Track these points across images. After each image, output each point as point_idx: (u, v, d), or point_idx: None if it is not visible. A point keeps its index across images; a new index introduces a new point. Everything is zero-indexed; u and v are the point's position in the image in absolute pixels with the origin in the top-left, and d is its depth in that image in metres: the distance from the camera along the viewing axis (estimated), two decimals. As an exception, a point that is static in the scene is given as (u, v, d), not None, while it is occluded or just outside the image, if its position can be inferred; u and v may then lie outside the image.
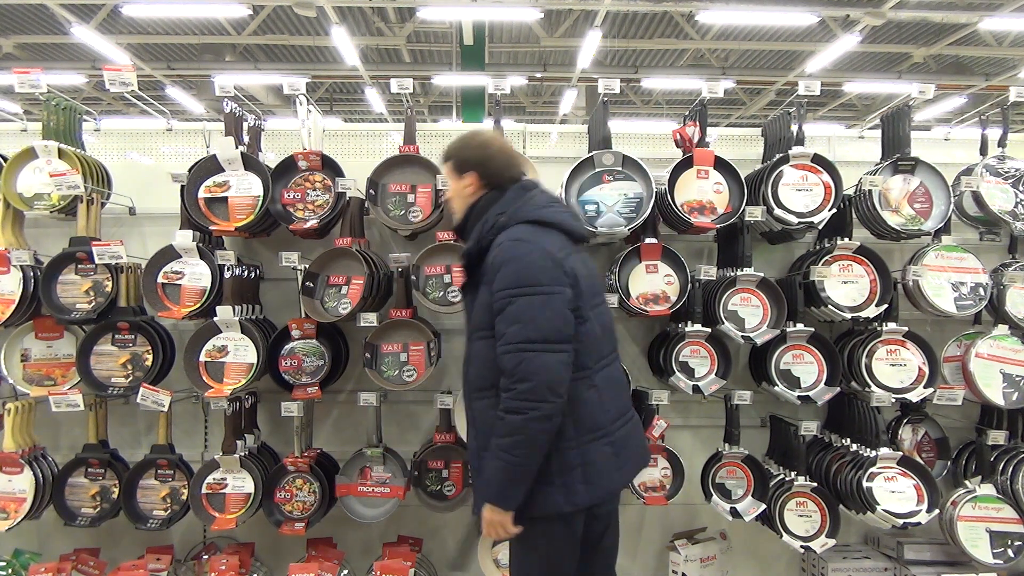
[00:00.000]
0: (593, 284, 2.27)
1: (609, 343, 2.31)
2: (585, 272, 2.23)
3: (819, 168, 3.13)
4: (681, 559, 3.22)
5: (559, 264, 2.10)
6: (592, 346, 2.18)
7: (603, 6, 8.89)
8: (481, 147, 2.33)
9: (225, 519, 3.01)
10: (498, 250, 2.13)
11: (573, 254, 2.22)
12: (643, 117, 15.52)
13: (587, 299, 2.18)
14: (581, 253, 2.30)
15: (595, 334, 2.19)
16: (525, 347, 2.02)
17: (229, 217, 3.01)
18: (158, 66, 11.48)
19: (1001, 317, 3.19)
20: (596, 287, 2.30)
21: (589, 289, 2.21)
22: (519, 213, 2.21)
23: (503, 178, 2.30)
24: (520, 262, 2.08)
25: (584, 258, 2.30)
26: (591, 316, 2.19)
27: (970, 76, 11.75)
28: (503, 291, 2.08)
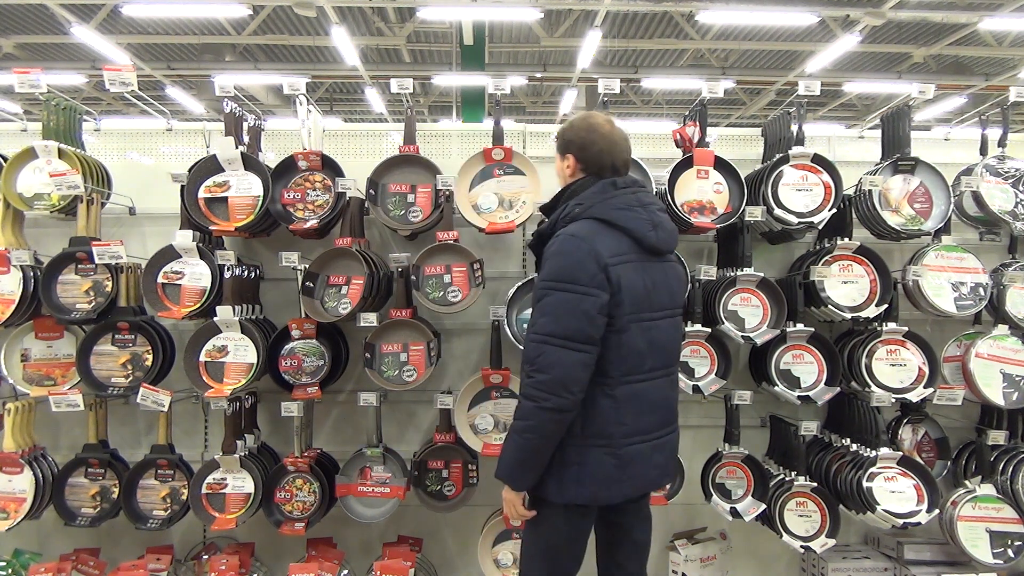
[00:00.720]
0: (648, 297, 2.18)
1: (655, 360, 2.22)
2: (640, 283, 2.16)
3: (819, 168, 3.13)
4: (681, 559, 3.22)
5: (603, 268, 2.10)
6: (624, 358, 2.15)
7: (603, 6, 8.89)
8: (587, 130, 2.27)
9: (225, 519, 3.01)
10: (556, 240, 2.16)
11: (631, 262, 2.16)
12: (643, 117, 15.52)
13: (628, 310, 2.14)
14: (648, 263, 2.20)
15: (632, 347, 2.16)
16: (548, 340, 2.07)
17: (229, 217, 3.01)
18: (158, 66, 11.49)
19: (1001, 317, 3.19)
20: (653, 301, 2.20)
21: (635, 301, 2.15)
22: (593, 209, 2.19)
23: (601, 166, 2.26)
24: (567, 257, 2.10)
25: (647, 268, 2.19)
26: (632, 328, 2.15)
27: (970, 76, 11.75)
28: (544, 282, 2.14)
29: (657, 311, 2.23)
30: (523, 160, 3.12)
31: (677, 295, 2.33)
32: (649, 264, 2.21)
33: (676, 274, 2.35)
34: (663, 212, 2.30)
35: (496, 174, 3.11)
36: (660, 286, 2.24)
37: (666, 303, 2.26)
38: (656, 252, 2.23)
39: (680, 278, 2.39)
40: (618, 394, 2.16)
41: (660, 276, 2.25)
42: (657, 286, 2.22)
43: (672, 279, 2.31)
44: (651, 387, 2.23)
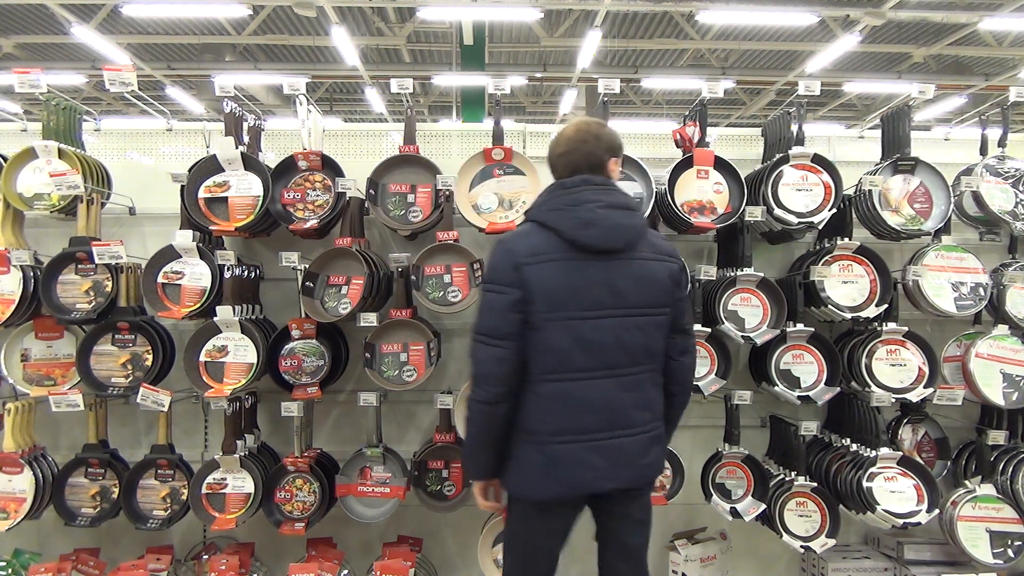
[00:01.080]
0: (575, 295, 2.16)
1: (590, 360, 2.18)
2: (561, 281, 2.15)
3: (819, 168, 3.13)
4: (681, 559, 3.22)
5: (516, 267, 2.16)
6: (544, 355, 2.17)
7: (603, 6, 8.89)
8: (555, 139, 2.33)
9: (225, 519, 3.01)
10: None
11: (554, 261, 2.16)
12: (643, 117, 15.52)
13: (544, 308, 2.15)
14: (583, 261, 2.17)
15: (552, 345, 2.16)
16: (475, 336, 2.21)
17: (229, 217, 3.01)
18: (158, 66, 11.49)
19: (1001, 317, 3.19)
20: (582, 299, 2.16)
21: (553, 299, 2.15)
22: (531, 212, 2.28)
23: (559, 173, 2.31)
24: (491, 259, 2.24)
25: (579, 267, 2.17)
26: (550, 326, 2.16)
27: (970, 76, 11.75)
28: (481, 283, 2.34)
29: (589, 310, 2.17)
30: (523, 160, 3.12)
31: (629, 294, 2.20)
32: (584, 262, 2.18)
33: (637, 273, 2.22)
34: (612, 209, 2.20)
35: (496, 174, 3.11)
36: (597, 284, 2.18)
37: (606, 302, 2.19)
38: (592, 250, 2.17)
39: (645, 277, 2.22)
40: (541, 391, 2.19)
41: (601, 274, 2.19)
42: (592, 284, 2.18)
43: (625, 277, 2.20)
44: (585, 387, 2.19)
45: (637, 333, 2.22)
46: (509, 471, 2.27)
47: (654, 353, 2.28)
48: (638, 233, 2.24)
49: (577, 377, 2.19)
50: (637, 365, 2.24)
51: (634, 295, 2.21)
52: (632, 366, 2.23)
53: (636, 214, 2.28)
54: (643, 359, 2.25)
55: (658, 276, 2.25)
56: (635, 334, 2.22)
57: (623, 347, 2.21)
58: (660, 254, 2.28)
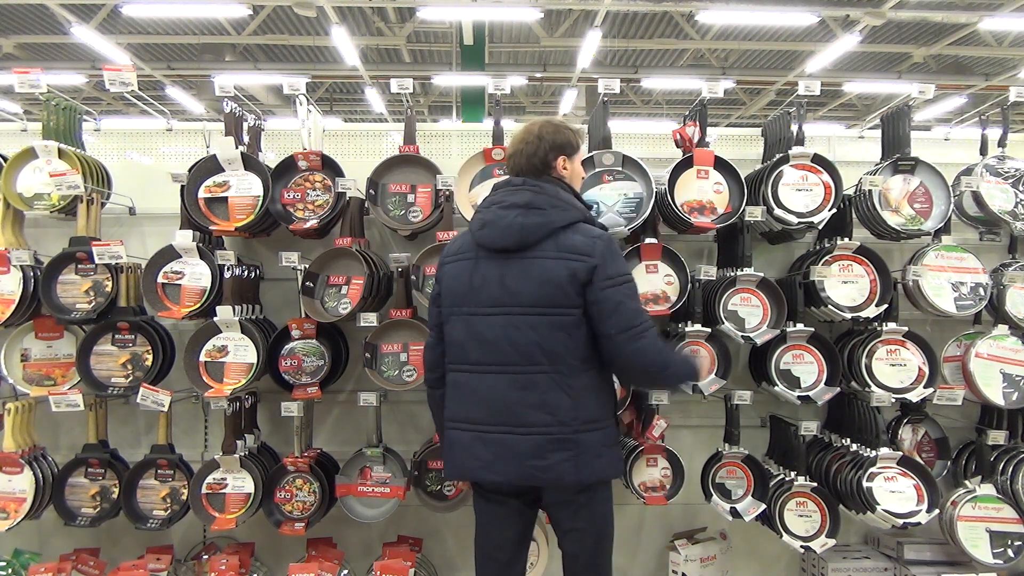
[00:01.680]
0: (473, 292, 2.27)
1: (482, 355, 2.26)
2: (464, 279, 2.31)
3: (819, 168, 3.13)
4: (681, 559, 3.22)
5: (440, 266, 2.43)
6: (450, 349, 2.37)
7: (603, 6, 8.89)
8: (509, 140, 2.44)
9: (225, 519, 3.01)
10: None
11: (463, 260, 2.33)
12: (643, 117, 15.52)
13: (447, 303, 2.36)
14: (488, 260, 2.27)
15: (452, 337, 2.35)
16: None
17: (229, 217, 3.01)
18: (158, 66, 11.48)
19: (1001, 317, 3.19)
20: (480, 296, 2.26)
21: (455, 295, 2.33)
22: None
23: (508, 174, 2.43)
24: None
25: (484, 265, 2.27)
26: (452, 320, 2.34)
27: (970, 76, 11.76)
28: None
29: (486, 306, 2.26)
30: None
31: (522, 293, 2.22)
32: (485, 261, 2.28)
33: (532, 271, 2.22)
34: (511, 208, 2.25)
35: (496, 174, 3.11)
36: (492, 282, 2.25)
37: (501, 299, 2.24)
38: (488, 248, 2.28)
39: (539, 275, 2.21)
40: (448, 380, 2.39)
41: (496, 272, 2.25)
42: (488, 282, 2.26)
43: (519, 276, 2.23)
44: (476, 380, 2.29)
45: (530, 332, 2.22)
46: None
47: (555, 354, 2.22)
48: (535, 232, 2.23)
49: (471, 369, 2.31)
50: (532, 364, 2.23)
51: (527, 294, 2.23)
52: (526, 365, 2.23)
53: (539, 212, 2.24)
54: (539, 359, 2.22)
55: (554, 275, 2.21)
56: (527, 333, 2.22)
57: (514, 345, 2.24)
58: (567, 252, 2.22)
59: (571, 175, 2.40)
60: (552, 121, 2.40)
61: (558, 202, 2.28)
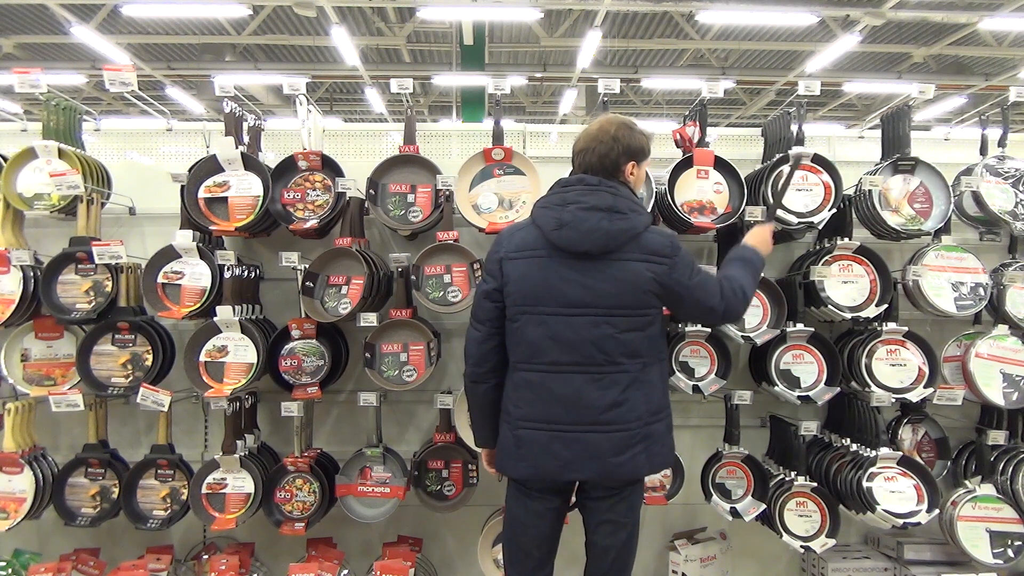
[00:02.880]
0: (548, 292, 2.26)
1: (560, 355, 2.26)
2: (536, 277, 2.27)
3: (819, 168, 3.13)
4: (681, 559, 3.22)
5: (499, 261, 2.35)
6: (517, 346, 2.33)
7: (603, 6, 8.88)
8: (580, 134, 2.41)
9: (225, 519, 3.01)
10: None
11: (534, 257, 2.29)
12: (643, 117, 15.49)
13: (518, 301, 2.30)
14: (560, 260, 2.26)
15: (524, 337, 2.30)
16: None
17: (229, 217, 3.01)
18: (158, 66, 11.48)
19: (1001, 317, 3.19)
20: (555, 296, 2.26)
21: (526, 293, 2.29)
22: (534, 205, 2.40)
23: (574, 169, 2.41)
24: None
25: (555, 265, 2.25)
26: (522, 319, 2.30)
27: (970, 76, 11.75)
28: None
29: (563, 307, 2.26)
30: (523, 160, 3.12)
31: (607, 295, 2.24)
32: (562, 261, 2.27)
33: (617, 275, 2.24)
34: (592, 211, 2.24)
35: (496, 174, 3.11)
36: (573, 283, 2.25)
37: (583, 300, 2.25)
38: (564, 249, 2.26)
39: (624, 279, 2.24)
40: (515, 379, 2.35)
41: (577, 274, 2.25)
42: (568, 283, 2.26)
43: (604, 279, 2.24)
44: (554, 379, 2.28)
45: (611, 332, 2.26)
46: (496, 447, 2.44)
47: (635, 353, 2.28)
48: (619, 237, 2.25)
49: (547, 369, 2.29)
50: (614, 364, 2.27)
51: (611, 296, 2.25)
52: (608, 365, 2.26)
53: (622, 217, 2.25)
54: (622, 359, 2.27)
55: (641, 278, 2.25)
56: (610, 334, 2.26)
57: (597, 346, 2.26)
58: (648, 254, 2.26)
59: (636, 180, 2.41)
60: (627, 123, 2.38)
61: (635, 206, 2.31)
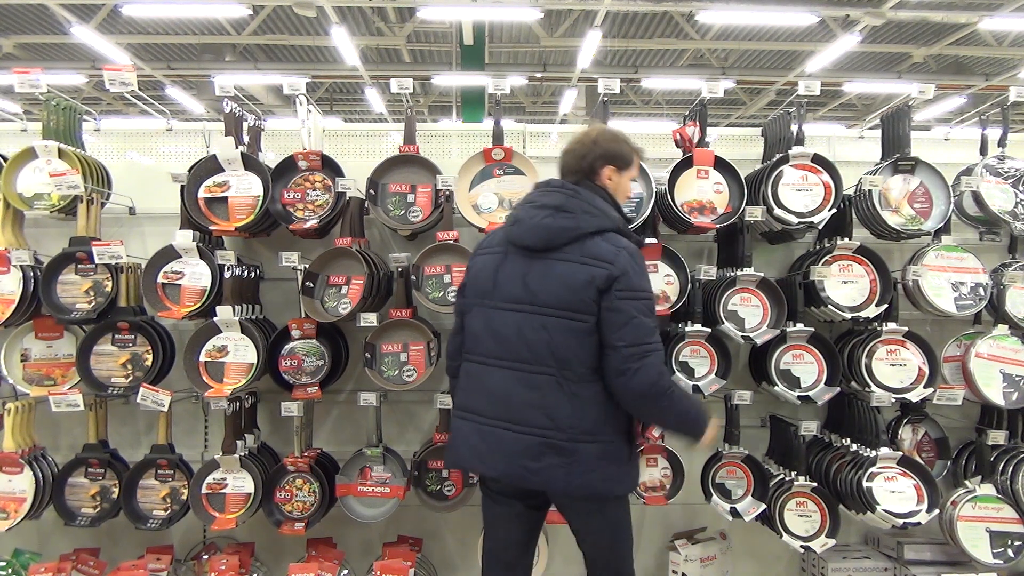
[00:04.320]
0: (495, 286, 2.30)
1: (497, 348, 2.27)
2: (488, 272, 2.33)
3: (819, 168, 3.13)
4: (681, 559, 3.22)
5: (472, 257, 2.47)
6: (468, 338, 2.39)
7: (603, 6, 8.89)
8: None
9: (225, 519, 3.01)
10: None
11: (493, 254, 2.36)
12: (643, 117, 15.52)
13: (470, 293, 2.40)
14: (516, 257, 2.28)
15: (471, 328, 2.37)
16: None
17: (229, 217, 3.01)
18: (158, 66, 11.48)
19: (1001, 317, 3.19)
20: (501, 291, 2.28)
21: (477, 287, 2.37)
22: None
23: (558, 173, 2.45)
24: None
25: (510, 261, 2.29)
26: (473, 310, 2.37)
27: (970, 76, 11.75)
28: None
29: (505, 302, 2.28)
30: (523, 160, 3.12)
31: (540, 293, 2.22)
32: (516, 257, 2.30)
33: (552, 272, 2.22)
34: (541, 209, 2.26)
35: (496, 174, 3.11)
36: (514, 279, 2.27)
37: (520, 296, 2.25)
38: (516, 245, 2.30)
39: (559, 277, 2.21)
40: (464, 370, 2.41)
41: (519, 270, 2.27)
42: (511, 278, 2.28)
43: (540, 276, 2.23)
44: (487, 372, 2.31)
45: (543, 332, 2.21)
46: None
47: (564, 359, 2.20)
48: (560, 235, 2.23)
49: (483, 361, 2.33)
50: (541, 365, 2.22)
51: (545, 294, 2.22)
52: (534, 364, 2.22)
53: (569, 216, 2.24)
54: (548, 361, 2.21)
55: (573, 279, 2.19)
56: (540, 333, 2.22)
57: (526, 343, 2.23)
58: (590, 258, 2.20)
59: (616, 187, 2.39)
60: (612, 131, 2.42)
61: (590, 208, 2.26)
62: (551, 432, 2.20)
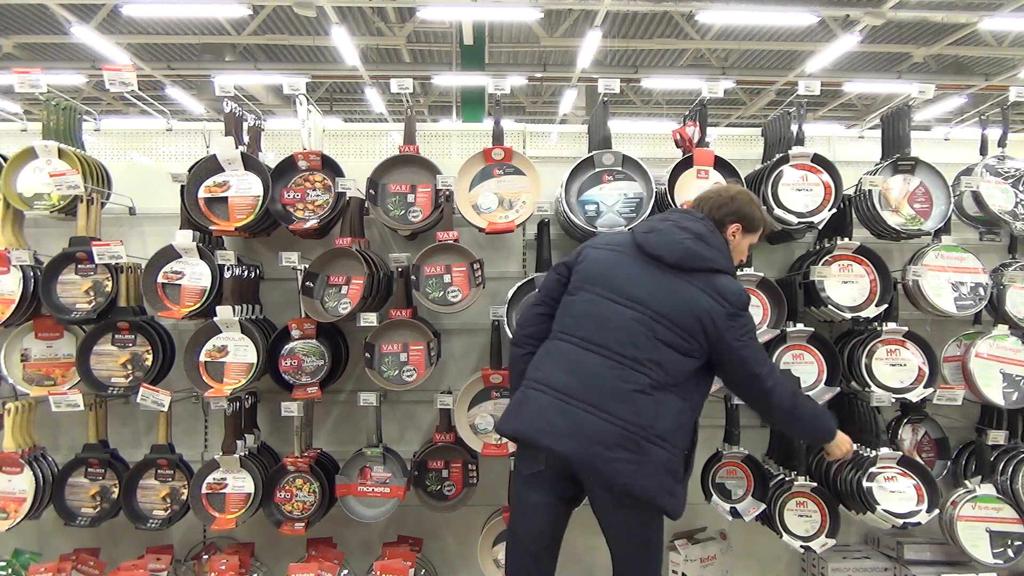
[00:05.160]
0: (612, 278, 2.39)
1: (596, 334, 2.34)
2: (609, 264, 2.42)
3: (819, 168, 3.13)
4: (681, 559, 3.22)
5: (584, 247, 2.53)
6: (565, 318, 2.44)
7: (603, 6, 8.89)
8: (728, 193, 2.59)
9: (225, 519, 3.01)
10: None
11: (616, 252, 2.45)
12: (643, 117, 15.52)
13: (581, 277, 2.45)
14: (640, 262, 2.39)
15: (574, 311, 2.42)
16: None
17: (229, 217, 3.01)
18: (158, 66, 11.48)
19: (1001, 317, 3.19)
20: (617, 285, 2.38)
21: (592, 274, 2.43)
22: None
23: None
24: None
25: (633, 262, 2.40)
26: (579, 294, 2.43)
27: (970, 76, 11.75)
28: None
29: (623, 297, 2.36)
30: (523, 160, 3.12)
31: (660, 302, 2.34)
32: (641, 263, 2.41)
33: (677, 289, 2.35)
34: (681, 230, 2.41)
35: (496, 174, 3.11)
36: (639, 281, 2.38)
37: (640, 298, 2.35)
38: (646, 252, 2.40)
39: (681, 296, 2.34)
40: (548, 346, 2.44)
41: (648, 277, 2.38)
42: (634, 279, 2.38)
43: (664, 287, 2.36)
44: (582, 354, 2.35)
45: (652, 336, 2.32)
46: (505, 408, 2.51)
47: (661, 366, 2.31)
48: (696, 260, 2.37)
49: (579, 344, 2.36)
50: (638, 363, 2.31)
51: (666, 306, 2.34)
52: (633, 361, 2.31)
53: (707, 247, 2.39)
54: (647, 362, 2.31)
55: (698, 304, 2.33)
56: (648, 335, 2.32)
57: (632, 339, 2.32)
58: (715, 291, 2.35)
59: (735, 247, 2.55)
60: (751, 195, 2.60)
61: (723, 248, 2.46)
62: (632, 426, 2.27)
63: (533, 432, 2.33)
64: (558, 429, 2.28)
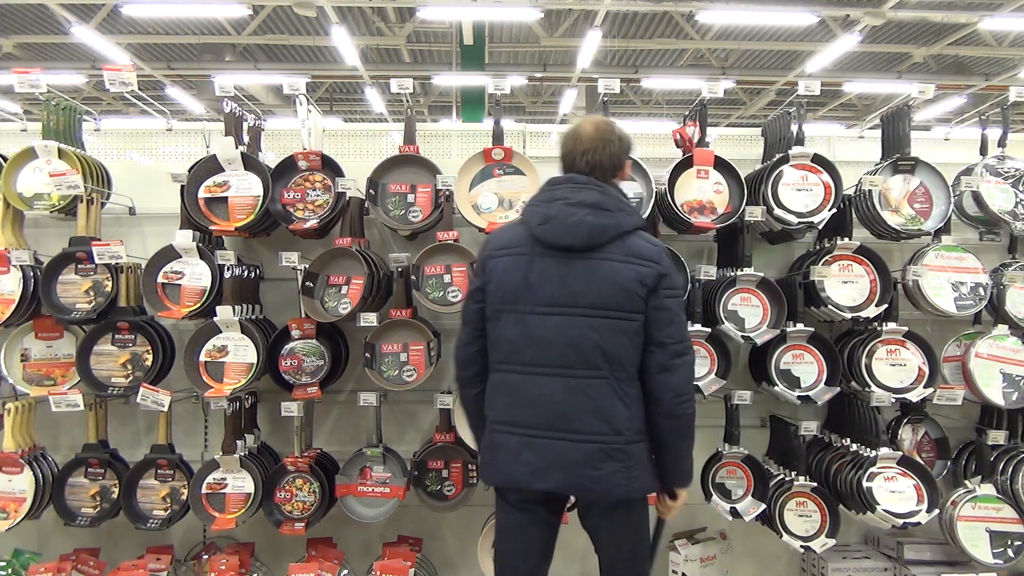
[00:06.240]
0: (528, 289, 2.18)
1: (537, 355, 2.17)
2: (518, 275, 2.20)
3: (819, 168, 3.13)
4: (681, 559, 3.22)
5: (484, 259, 2.30)
6: (495, 345, 2.25)
7: (603, 6, 8.88)
8: (573, 135, 2.30)
9: (225, 519, 3.01)
10: None
11: (517, 255, 2.22)
12: (643, 117, 15.51)
13: (498, 298, 2.23)
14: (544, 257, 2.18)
15: (503, 336, 2.22)
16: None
17: (229, 217, 3.01)
18: (158, 66, 11.48)
19: (1001, 317, 3.19)
20: (536, 294, 2.17)
21: (507, 291, 2.21)
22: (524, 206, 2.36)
23: (576, 168, 2.27)
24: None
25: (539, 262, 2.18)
26: (503, 317, 2.22)
27: (970, 76, 11.75)
28: None
29: (544, 305, 2.17)
30: (523, 160, 3.12)
31: (585, 293, 2.15)
32: (543, 258, 2.19)
33: (597, 272, 2.16)
34: (579, 207, 2.17)
35: (496, 174, 3.12)
36: (551, 280, 2.17)
37: (561, 299, 2.16)
38: (550, 246, 2.18)
39: (604, 277, 2.15)
40: (493, 380, 2.28)
41: (556, 271, 2.17)
42: (547, 280, 2.17)
43: (582, 276, 2.16)
44: (529, 381, 2.19)
45: (591, 334, 2.15)
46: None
47: (615, 359, 2.16)
48: (604, 233, 2.17)
49: (522, 370, 2.20)
50: (591, 368, 2.16)
51: (590, 295, 2.16)
52: (585, 368, 2.16)
53: (609, 214, 2.18)
54: (599, 363, 2.16)
55: (621, 278, 2.15)
56: (588, 335, 2.15)
57: (573, 347, 2.16)
58: (633, 256, 2.17)
59: (623, 178, 2.38)
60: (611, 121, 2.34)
61: (624, 205, 2.25)
62: (610, 437, 2.16)
63: (515, 478, 2.22)
64: (537, 468, 2.17)
